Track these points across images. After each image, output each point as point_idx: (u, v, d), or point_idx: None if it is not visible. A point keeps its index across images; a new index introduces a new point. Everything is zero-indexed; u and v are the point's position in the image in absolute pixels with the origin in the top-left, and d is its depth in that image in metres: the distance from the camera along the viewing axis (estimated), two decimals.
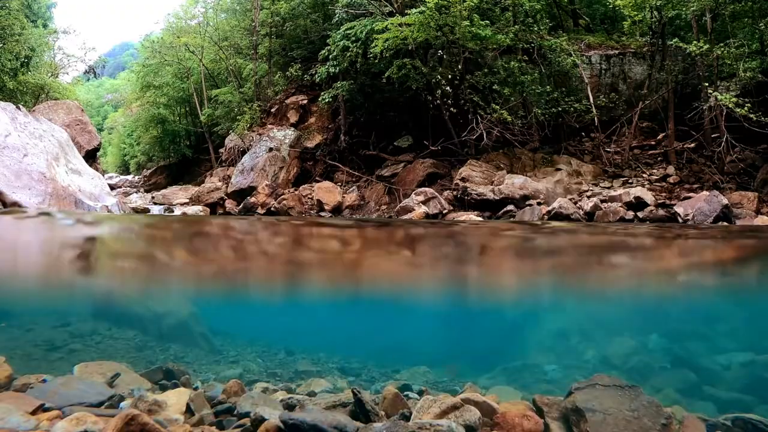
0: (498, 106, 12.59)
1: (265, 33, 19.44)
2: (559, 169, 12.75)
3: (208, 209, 15.32)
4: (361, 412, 3.63)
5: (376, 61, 13.36)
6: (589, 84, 13.46)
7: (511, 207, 11.55)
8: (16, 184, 9.87)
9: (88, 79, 33.43)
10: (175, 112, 28.40)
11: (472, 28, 12.59)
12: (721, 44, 11.36)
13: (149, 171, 29.00)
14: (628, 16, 13.62)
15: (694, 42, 11.32)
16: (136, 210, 13.52)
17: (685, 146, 12.46)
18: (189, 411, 3.77)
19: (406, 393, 4.91)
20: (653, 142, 13.37)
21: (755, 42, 11.32)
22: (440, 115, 13.69)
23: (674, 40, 12.06)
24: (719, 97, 10.67)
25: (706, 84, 11.60)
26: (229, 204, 15.77)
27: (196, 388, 4.66)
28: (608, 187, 12.07)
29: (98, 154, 21.49)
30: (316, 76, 15.51)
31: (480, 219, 11.14)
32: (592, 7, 17.23)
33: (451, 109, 13.32)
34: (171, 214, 13.63)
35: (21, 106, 12.64)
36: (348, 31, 14.28)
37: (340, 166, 16.06)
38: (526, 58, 13.75)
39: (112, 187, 17.77)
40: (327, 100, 15.29)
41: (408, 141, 15.68)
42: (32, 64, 22.61)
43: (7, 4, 19.87)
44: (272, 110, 18.40)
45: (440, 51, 13.87)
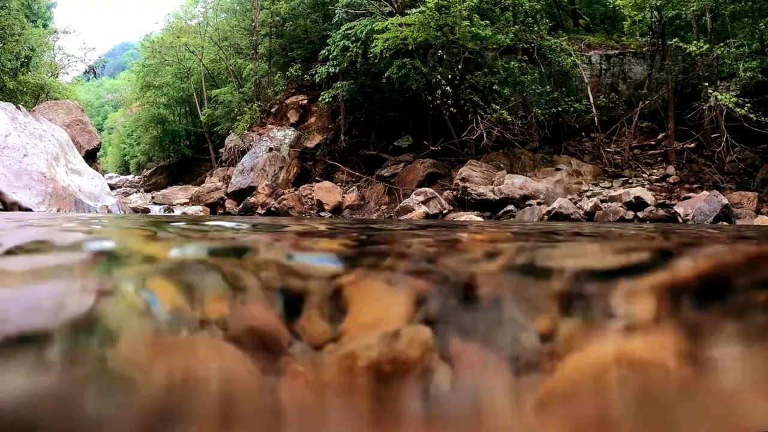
0: (498, 106, 12.59)
1: (265, 33, 19.44)
2: (559, 169, 12.75)
3: (208, 209, 15.33)
4: None
5: (376, 61, 13.36)
6: (589, 84, 13.47)
7: (511, 207, 11.56)
8: (16, 184, 9.88)
9: (88, 79, 33.42)
10: (175, 112, 28.41)
11: (472, 28, 12.60)
12: (721, 44, 11.36)
13: (149, 171, 29.01)
14: (628, 16, 13.63)
15: (694, 42, 11.33)
16: (136, 210, 13.53)
17: (685, 146, 12.46)
18: None
19: None
20: (653, 142, 13.37)
21: (755, 42, 11.33)
22: (440, 115, 13.69)
23: (674, 40, 12.06)
24: (719, 97, 10.67)
25: (706, 84, 11.60)
26: (229, 204, 15.78)
27: None
28: (608, 187, 12.08)
29: (98, 154, 21.50)
30: (316, 76, 15.51)
31: (480, 219, 11.14)
32: (592, 7, 17.23)
33: (451, 109, 13.33)
34: (171, 214, 13.64)
35: (21, 106, 12.64)
36: (348, 31, 14.29)
37: (340, 166, 16.07)
38: (526, 58, 13.75)
39: (112, 187, 17.77)
40: (327, 100, 15.30)
41: (408, 141, 15.69)
42: (32, 64, 22.62)
43: (7, 4, 19.88)
44: (272, 110, 18.40)
45: (440, 51, 13.88)
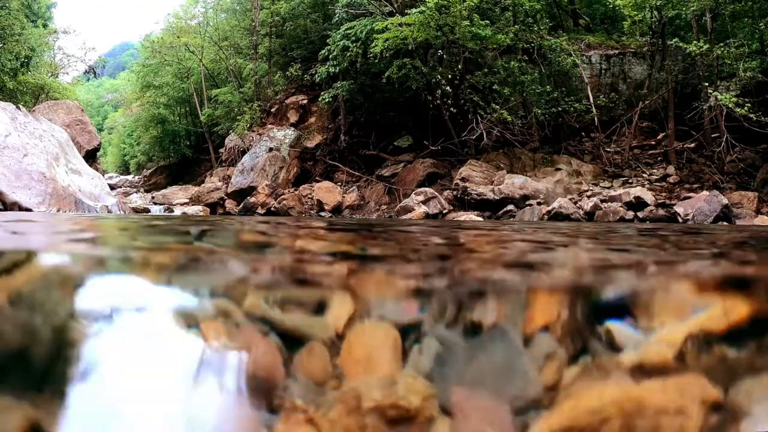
0: (498, 106, 12.59)
1: (265, 33, 19.45)
2: (559, 169, 12.75)
3: (208, 209, 15.33)
4: None
5: (376, 61, 13.36)
6: (589, 84, 13.47)
7: (511, 207, 11.56)
8: (16, 184, 9.88)
9: (88, 79, 33.43)
10: (175, 112, 28.41)
11: (472, 28, 12.60)
12: (721, 44, 11.36)
13: (149, 171, 29.02)
14: (628, 16, 13.63)
15: (694, 42, 11.33)
16: (136, 210, 13.52)
17: (685, 146, 12.46)
18: None
19: None
20: (653, 142, 13.37)
21: (755, 42, 11.33)
22: (440, 115, 13.69)
23: (674, 40, 12.06)
24: (719, 97, 10.67)
25: (706, 84, 11.60)
26: (229, 204, 15.78)
27: None
28: (608, 187, 12.08)
29: (98, 154, 21.49)
30: (316, 76, 15.51)
31: (480, 219, 11.14)
32: (592, 7, 17.23)
33: (451, 109, 13.33)
34: (171, 214, 13.64)
35: (21, 106, 12.64)
36: (348, 31, 14.29)
37: (340, 166, 16.07)
38: (526, 58, 13.75)
39: (112, 187, 17.77)
40: (327, 100, 15.30)
41: (408, 141, 15.69)
42: (32, 64, 22.62)
43: (7, 4, 19.88)
44: (272, 110, 18.40)
45: (440, 51, 13.88)
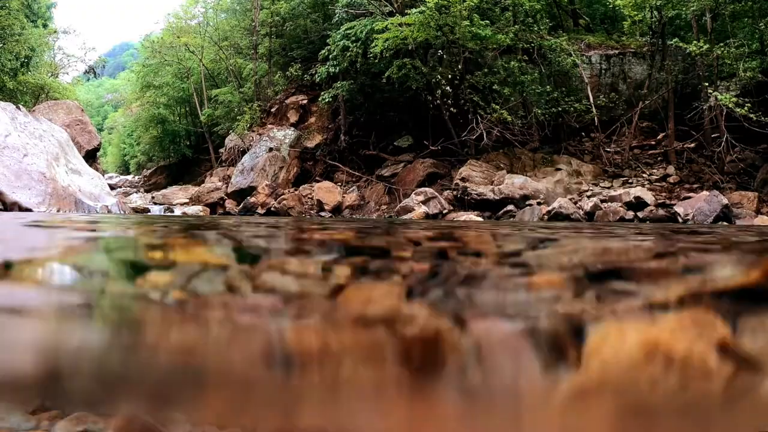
0: (498, 106, 12.59)
1: (265, 33, 19.45)
2: (559, 169, 12.75)
3: (208, 209, 15.33)
4: None
5: (376, 61, 13.36)
6: (589, 84, 13.47)
7: (511, 207, 11.56)
8: (16, 184, 9.88)
9: (88, 79, 33.44)
10: (175, 112, 28.41)
11: (472, 28, 12.60)
12: (721, 44, 11.36)
13: (149, 171, 29.02)
14: (628, 16, 13.63)
15: (694, 42, 11.33)
16: (136, 210, 13.52)
17: (685, 146, 12.46)
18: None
19: None
20: (653, 142, 13.37)
21: (755, 42, 11.33)
22: (440, 115, 13.69)
23: (674, 40, 12.06)
24: (719, 97, 10.68)
25: (706, 84, 11.60)
26: (229, 204, 15.78)
27: None
28: (608, 187, 12.08)
29: (98, 154, 21.50)
30: (316, 76, 15.52)
31: (480, 219, 11.14)
32: (592, 7, 17.23)
33: (451, 109, 13.33)
34: (172, 214, 13.64)
35: (21, 106, 12.65)
36: (348, 31, 14.29)
37: (340, 166, 16.07)
38: (526, 58, 13.75)
39: (112, 187, 17.77)
40: (327, 100, 15.30)
41: (408, 141, 15.69)
42: (32, 64, 22.63)
43: (7, 4, 19.88)
44: (272, 110, 18.40)
45: (440, 51, 13.88)
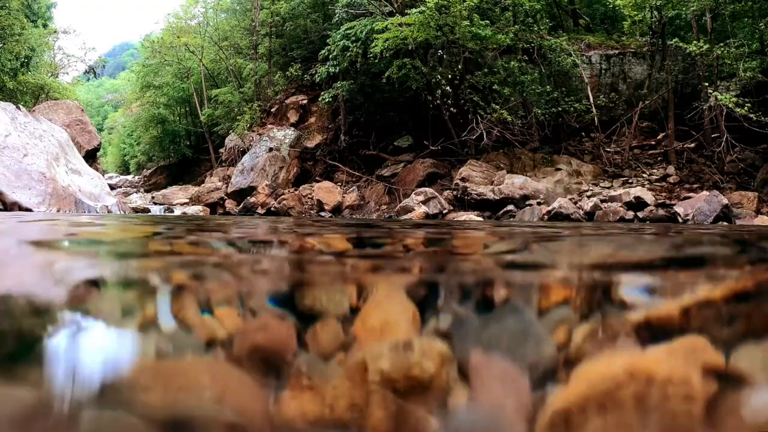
0: (498, 106, 12.59)
1: (265, 33, 19.45)
2: (559, 169, 12.76)
3: (208, 209, 15.34)
4: None
5: (376, 61, 13.36)
6: (589, 84, 13.47)
7: (511, 207, 11.56)
8: (16, 184, 9.88)
9: (88, 79, 33.45)
10: (175, 112, 28.41)
11: (472, 28, 12.60)
12: (721, 44, 11.36)
13: (149, 171, 29.02)
14: (628, 16, 13.63)
15: (694, 42, 11.33)
16: (136, 210, 13.53)
17: (685, 146, 12.46)
18: None
19: None
20: (653, 142, 13.37)
21: (755, 42, 11.33)
22: (440, 115, 13.69)
23: (674, 40, 12.06)
24: (719, 97, 10.68)
25: (706, 84, 11.60)
26: (229, 204, 15.79)
27: None
28: (608, 187, 12.08)
29: (98, 154, 21.50)
30: (316, 76, 15.52)
31: (480, 219, 11.14)
32: (592, 7, 17.23)
33: (451, 109, 13.33)
34: (171, 214, 13.64)
35: (21, 106, 12.65)
36: (348, 31, 14.29)
37: (340, 166, 16.07)
38: (526, 58, 13.75)
39: (112, 187, 17.78)
40: (327, 100, 15.30)
41: (408, 141, 15.69)
42: (32, 64, 22.64)
43: (7, 4, 19.88)
44: (272, 110, 18.40)
45: (440, 51, 13.88)
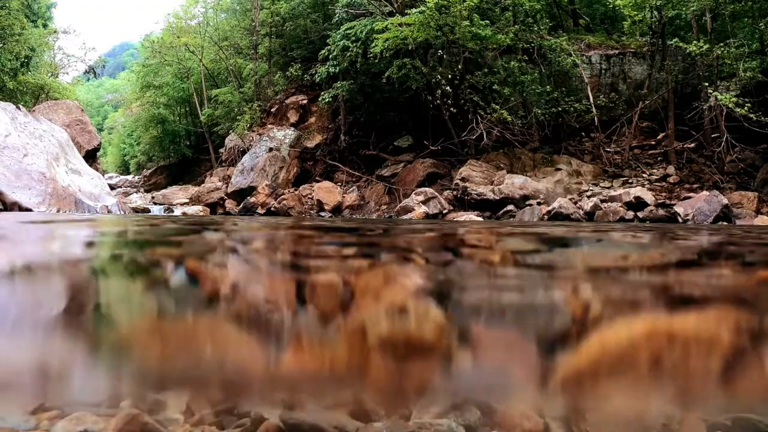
0: (498, 106, 12.60)
1: (265, 33, 19.45)
2: (559, 169, 12.76)
3: (208, 209, 15.33)
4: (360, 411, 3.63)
5: (376, 61, 13.36)
6: (589, 84, 13.47)
7: (511, 207, 11.56)
8: (16, 184, 9.88)
9: (88, 79, 33.45)
10: (175, 112, 28.41)
11: (472, 28, 12.60)
12: (721, 44, 11.36)
13: (149, 171, 29.02)
14: (628, 16, 13.63)
15: (694, 42, 11.33)
16: (136, 210, 13.52)
17: (685, 146, 12.46)
18: (189, 410, 3.76)
19: None
20: (653, 142, 13.37)
21: (755, 42, 11.33)
22: (440, 115, 13.69)
23: (674, 40, 12.07)
24: (719, 97, 10.68)
25: (706, 84, 11.60)
26: (229, 204, 15.78)
27: None
28: (608, 187, 12.08)
29: (98, 154, 21.49)
30: (316, 76, 15.52)
31: (480, 219, 11.14)
32: (592, 7, 17.23)
33: (451, 109, 13.33)
34: (173, 214, 13.64)
35: (21, 106, 12.65)
36: (348, 31, 14.29)
37: (340, 166, 16.07)
38: (526, 58, 13.75)
39: (112, 187, 17.77)
40: (327, 100, 15.30)
41: (408, 141, 15.69)
42: (32, 64, 22.63)
43: (7, 4, 19.87)
44: (272, 110, 18.40)
45: (440, 51, 13.88)
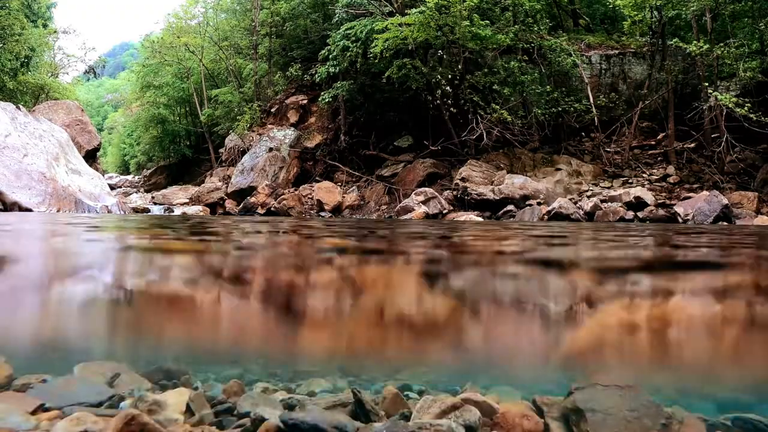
0: (498, 106, 12.60)
1: (265, 33, 19.45)
2: (559, 169, 12.75)
3: (208, 209, 15.33)
4: (361, 412, 3.63)
5: (376, 61, 13.36)
6: (589, 84, 13.46)
7: (511, 207, 11.56)
8: (16, 184, 9.88)
9: (88, 79, 33.45)
10: (175, 112, 28.41)
11: (472, 28, 12.60)
12: (721, 44, 11.36)
13: (149, 171, 29.01)
14: (628, 16, 13.63)
15: (694, 42, 11.33)
16: (136, 210, 13.52)
17: (685, 146, 12.46)
18: (189, 411, 3.76)
19: (406, 393, 4.89)
20: (653, 142, 13.37)
21: (755, 42, 11.33)
22: (440, 115, 13.69)
23: (674, 40, 12.07)
24: (719, 97, 10.68)
25: (706, 84, 11.60)
26: (229, 204, 15.78)
27: (196, 388, 4.65)
28: (608, 187, 12.08)
29: (98, 154, 21.49)
30: (316, 76, 15.52)
31: (480, 219, 11.14)
32: (592, 7, 17.23)
33: (451, 109, 13.33)
34: (171, 214, 13.63)
35: (21, 106, 12.65)
36: (348, 31, 14.29)
37: (340, 166, 16.07)
38: (526, 58, 13.75)
39: (112, 187, 17.77)
40: (327, 100, 15.30)
41: (408, 141, 15.69)
42: (32, 64, 22.63)
43: (7, 4, 19.88)
44: (272, 110, 18.40)
45: (440, 51, 13.88)
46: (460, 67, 13.33)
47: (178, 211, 14.28)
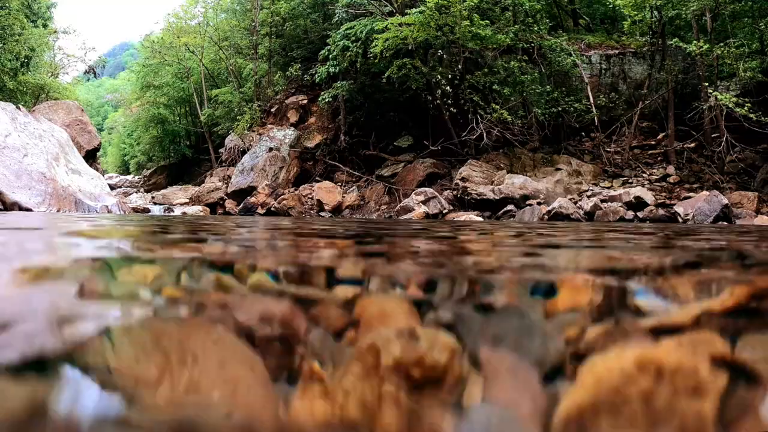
0: (498, 106, 12.60)
1: (265, 33, 19.46)
2: (559, 169, 12.76)
3: (208, 209, 15.34)
4: None
5: (376, 61, 13.37)
6: (589, 84, 13.47)
7: (511, 207, 11.56)
8: (16, 184, 9.88)
9: (88, 79, 33.47)
10: (175, 112, 28.43)
11: (472, 28, 12.60)
12: (721, 44, 11.37)
13: (149, 171, 29.02)
14: (628, 16, 13.64)
15: (694, 42, 11.34)
16: (136, 210, 13.52)
17: (685, 146, 12.47)
18: None
19: None
20: (653, 142, 13.38)
21: (755, 42, 11.34)
22: (440, 115, 13.70)
23: (674, 40, 12.07)
24: (719, 97, 10.68)
25: (706, 84, 11.60)
26: (229, 204, 15.78)
27: None
28: (608, 187, 12.08)
29: (98, 154, 21.51)
30: (316, 76, 15.52)
31: (480, 219, 11.14)
32: (592, 7, 17.24)
33: (451, 109, 13.33)
34: (172, 214, 13.63)
35: (21, 106, 12.65)
36: (348, 31, 14.30)
37: (340, 166, 16.07)
38: (526, 58, 13.75)
39: (112, 187, 17.78)
40: (327, 100, 15.31)
41: (408, 141, 15.69)
42: (32, 64, 22.63)
43: (7, 4, 19.88)
44: (272, 110, 18.41)
45: (440, 51, 13.88)
46: (460, 67, 13.33)
47: (178, 211, 14.28)
